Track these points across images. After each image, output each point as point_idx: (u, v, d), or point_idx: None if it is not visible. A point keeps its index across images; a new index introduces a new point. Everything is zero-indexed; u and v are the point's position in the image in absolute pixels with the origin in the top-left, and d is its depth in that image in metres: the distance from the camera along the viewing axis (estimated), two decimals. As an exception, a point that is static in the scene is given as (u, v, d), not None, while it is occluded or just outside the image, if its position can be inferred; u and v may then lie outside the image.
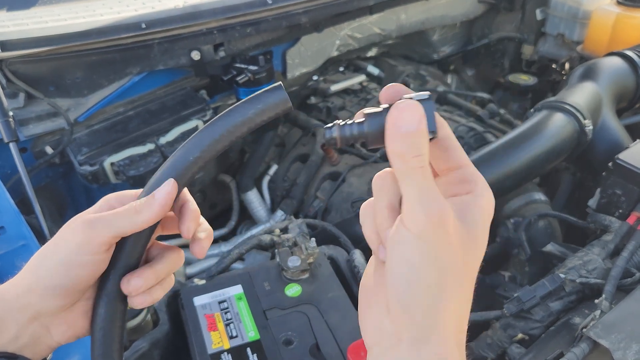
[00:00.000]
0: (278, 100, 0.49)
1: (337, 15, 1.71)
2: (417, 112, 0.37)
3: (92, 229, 0.48)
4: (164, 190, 0.49)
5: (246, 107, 0.50)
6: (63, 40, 1.34)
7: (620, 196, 1.16)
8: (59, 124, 1.40)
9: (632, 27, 1.78)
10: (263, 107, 0.49)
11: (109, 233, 0.48)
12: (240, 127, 0.50)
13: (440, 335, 0.39)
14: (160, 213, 0.49)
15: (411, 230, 0.38)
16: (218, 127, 0.50)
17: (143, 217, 0.49)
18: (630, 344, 0.82)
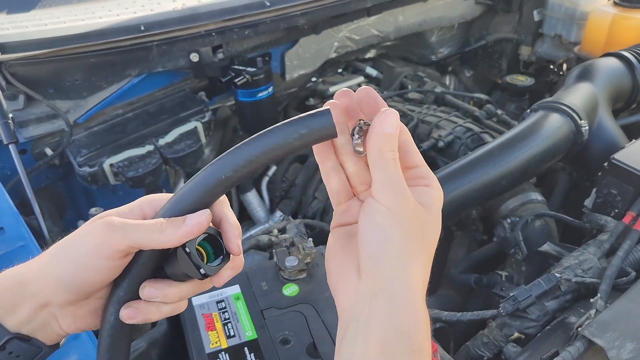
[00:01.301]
0: (323, 127, 0.46)
1: (335, 17, 1.72)
2: (397, 119, 0.47)
3: (112, 233, 0.48)
4: (196, 220, 0.48)
5: (288, 129, 0.46)
6: (62, 43, 1.35)
7: (616, 196, 1.16)
8: (59, 125, 1.41)
9: (628, 28, 1.79)
10: (306, 132, 0.46)
11: (126, 242, 0.48)
12: (278, 150, 0.46)
13: (410, 289, 0.46)
14: (183, 239, 0.48)
15: (382, 202, 0.46)
16: (255, 147, 0.46)
17: (165, 237, 0.48)
18: (624, 342, 0.82)
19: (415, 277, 0.47)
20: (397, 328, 0.45)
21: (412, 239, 0.47)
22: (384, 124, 0.46)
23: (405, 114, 1.74)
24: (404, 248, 0.46)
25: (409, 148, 0.51)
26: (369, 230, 0.47)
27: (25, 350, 0.51)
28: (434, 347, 0.83)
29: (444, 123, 1.67)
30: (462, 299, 1.40)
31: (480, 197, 1.24)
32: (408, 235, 0.46)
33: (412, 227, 0.47)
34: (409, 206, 0.47)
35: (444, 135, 1.60)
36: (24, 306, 0.50)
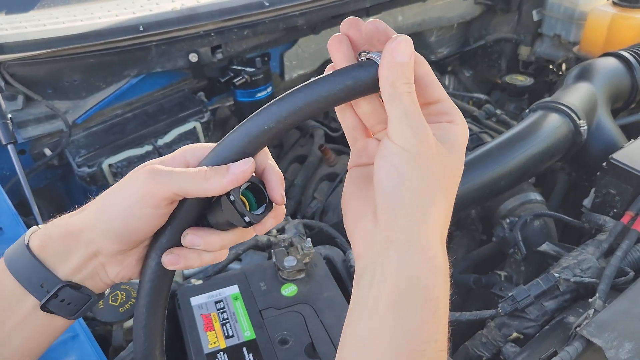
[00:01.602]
0: (370, 78, 0.44)
1: (334, 17, 1.72)
2: (410, 46, 0.43)
3: (157, 181, 0.47)
4: (240, 169, 0.47)
5: (334, 80, 0.45)
6: (61, 43, 1.35)
7: (615, 196, 1.16)
8: (57, 126, 1.41)
9: (627, 28, 1.79)
10: (351, 83, 0.44)
11: (171, 189, 0.47)
12: (323, 102, 0.45)
13: (426, 235, 0.43)
14: (227, 187, 0.47)
15: (398, 143, 0.43)
16: (299, 99, 0.45)
17: (210, 185, 0.47)
18: (623, 342, 0.82)
19: (434, 223, 0.44)
20: (411, 279, 0.42)
21: (432, 181, 0.43)
22: (396, 52, 0.42)
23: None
24: (422, 192, 0.43)
25: (430, 80, 0.47)
26: (385, 174, 0.43)
27: (76, 298, 0.52)
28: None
29: (443, 123, 1.67)
30: (461, 299, 1.40)
31: (479, 197, 1.24)
32: (427, 178, 0.43)
33: (432, 168, 0.43)
34: (428, 145, 0.43)
35: (443, 135, 1.60)
36: (75, 255, 0.51)
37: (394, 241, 0.43)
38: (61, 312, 0.52)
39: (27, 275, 0.50)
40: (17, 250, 0.51)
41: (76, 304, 0.52)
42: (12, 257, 0.51)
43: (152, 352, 0.54)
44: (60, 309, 0.51)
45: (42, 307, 0.51)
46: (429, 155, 0.43)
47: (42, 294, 0.50)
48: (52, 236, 0.51)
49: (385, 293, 0.43)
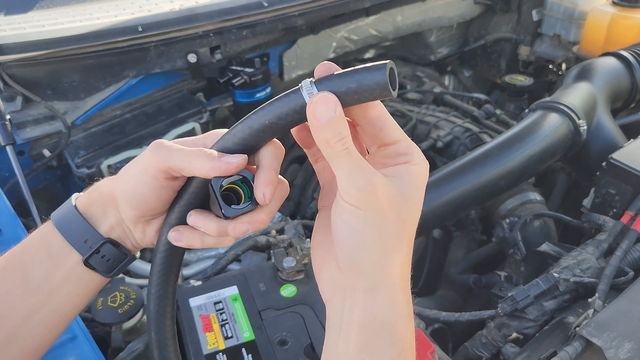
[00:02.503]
0: (374, 84, 0.43)
1: (333, 17, 1.72)
2: (330, 102, 0.42)
3: (154, 154, 0.51)
4: (227, 159, 0.48)
5: (338, 82, 0.44)
6: (60, 44, 1.35)
7: (614, 195, 1.16)
8: (56, 127, 1.40)
9: (627, 28, 1.79)
10: (356, 87, 0.44)
11: (165, 162, 0.50)
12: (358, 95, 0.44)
13: (388, 283, 0.46)
14: (211, 173, 0.49)
15: (347, 201, 0.44)
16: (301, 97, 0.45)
17: (196, 164, 0.49)
18: (622, 342, 0.82)
19: (395, 268, 0.46)
20: (377, 323, 0.45)
21: (388, 232, 0.45)
22: (317, 114, 0.42)
23: (404, 114, 1.74)
24: (380, 245, 0.45)
25: (384, 122, 0.47)
26: (341, 231, 0.45)
27: (115, 255, 0.57)
28: (431, 347, 0.83)
29: (442, 123, 1.67)
30: (462, 300, 1.40)
31: (479, 197, 1.24)
32: (383, 231, 0.45)
33: (386, 219, 0.45)
34: (378, 199, 0.44)
35: (443, 136, 1.60)
36: (110, 213, 0.56)
37: (359, 289, 0.45)
38: (100, 268, 0.57)
39: (72, 232, 0.55)
40: (64, 210, 0.56)
41: (114, 260, 0.57)
42: (60, 216, 0.56)
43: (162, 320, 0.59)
44: (100, 265, 0.56)
45: (85, 262, 0.56)
46: (378, 207, 0.44)
47: (86, 250, 0.55)
48: (93, 198, 0.56)
49: (353, 337, 0.45)
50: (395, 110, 1.77)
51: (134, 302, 0.98)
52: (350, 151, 0.43)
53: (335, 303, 0.47)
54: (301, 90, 0.45)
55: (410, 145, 0.48)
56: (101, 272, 0.57)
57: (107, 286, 1.22)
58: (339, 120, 0.42)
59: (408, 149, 0.47)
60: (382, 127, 0.47)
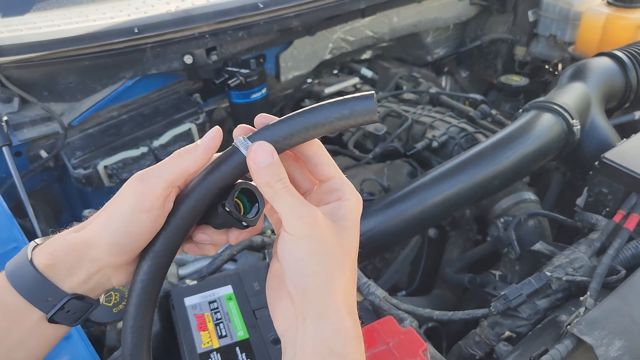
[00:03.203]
0: (365, 110, 0.48)
1: (329, 18, 1.73)
2: (266, 149, 0.48)
3: (143, 184, 0.51)
4: (208, 136, 0.52)
5: (330, 109, 0.49)
6: (57, 46, 1.36)
7: (607, 195, 1.17)
8: (53, 128, 1.41)
9: (622, 28, 1.80)
10: (348, 113, 0.48)
11: (159, 184, 0.50)
12: (319, 128, 0.49)
13: (334, 308, 0.48)
14: (202, 158, 0.52)
15: (291, 233, 0.48)
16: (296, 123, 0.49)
17: (185, 162, 0.51)
18: (613, 340, 0.83)
19: (339, 294, 0.49)
20: (327, 348, 0.48)
21: (331, 260, 0.49)
22: (257, 160, 0.48)
23: (399, 115, 1.74)
24: (324, 272, 0.48)
25: (320, 160, 0.52)
26: (288, 264, 0.49)
27: (80, 308, 0.55)
28: (423, 345, 0.83)
29: (438, 123, 1.67)
30: (457, 299, 1.41)
31: (473, 197, 1.24)
32: (325, 259, 0.48)
33: (328, 248, 0.48)
34: (319, 229, 0.48)
35: (438, 136, 1.61)
36: (81, 270, 0.53)
37: (308, 317, 0.48)
38: (65, 322, 0.55)
39: (33, 291, 0.52)
40: (20, 266, 0.53)
41: (79, 312, 0.55)
42: (16, 273, 0.53)
43: (139, 352, 0.55)
44: (64, 319, 0.54)
45: (50, 319, 0.53)
46: (321, 237, 0.48)
47: (49, 307, 0.53)
48: (57, 254, 0.53)
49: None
50: (391, 110, 1.78)
51: (129, 301, 0.98)
52: (289, 189, 0.48)
53: (289, 335, 0.50)
54: (237, 147, 0.50)
55: (343, 182, 0.52)
56: (66, 324, 0.55)
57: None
58: (277, 164, 0.48)
59: (340, 186, 0.52)
60: (317, 163, 0.52)
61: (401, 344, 0.84)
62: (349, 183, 0.52)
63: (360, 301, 1.02)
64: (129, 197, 0.51)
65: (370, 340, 0.85)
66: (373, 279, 1.12)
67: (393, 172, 1.58)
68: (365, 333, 0.85)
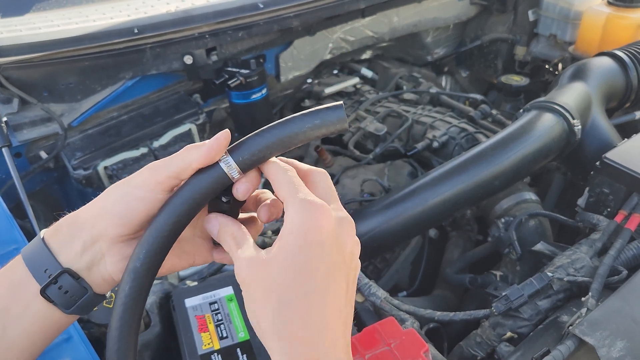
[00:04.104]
0: (335, 119, 0.52)
1: (329, 18, 1.73)
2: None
3: (153, 171, 0.55)
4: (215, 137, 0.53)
5: (303, 119, 0.52)
6: (56, 46, 1.35)
7: (608, 195, 1.17)
8: (53, 128, 1.41)
9: (622, 28, 1.80)
10: (320, 122, 0.52)
11: (165, 173, 0.54)
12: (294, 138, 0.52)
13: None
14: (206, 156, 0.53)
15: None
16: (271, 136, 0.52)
17: (190, 157, 0.53)
18: (614, 341, 0.82)
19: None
20: None
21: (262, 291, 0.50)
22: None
23: (400, 115, 1.74)
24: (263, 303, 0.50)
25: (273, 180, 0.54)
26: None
27: (73, 288, 0.55)
28: (424, 346, 0.83)
29: (438, 123, 1.67)
30: (458, 300, 1.41)
31: (474, 197, 1.24)
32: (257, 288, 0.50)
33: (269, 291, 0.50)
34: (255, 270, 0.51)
35: (439, 136, 1.61)
36: (78, 240, 0.54)
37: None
38: (58, 301, 0.54)
39: (34, 260, 0.54)
40: (34, 240, 0.56)
41: (73, 294, 0.55)
42: (28, 247, 0.56)
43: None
44: (58, 297, 0.54)
45: (42, 291, 0.54)
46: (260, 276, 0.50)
47: (44, 279, 0.54)
48: (62, 223, 0.56)
49: None
50: (391, 110, 1.78)
51: (130, 303, 0.98)
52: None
53: None
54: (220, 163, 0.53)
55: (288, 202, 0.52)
56: (59, 306, 0.55)
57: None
58: None
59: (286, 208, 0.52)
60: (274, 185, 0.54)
61: (402, 345, 0.84)
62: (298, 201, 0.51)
63: (362, 302, 1.02)
64: (138, 177, 0.55)
65: (371, 341, 0.84)
66: (374, 280, 1.12)
67: (393, 173, 1.58)
68: (366, 334, 0.85)
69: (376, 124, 1.71)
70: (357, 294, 1.03)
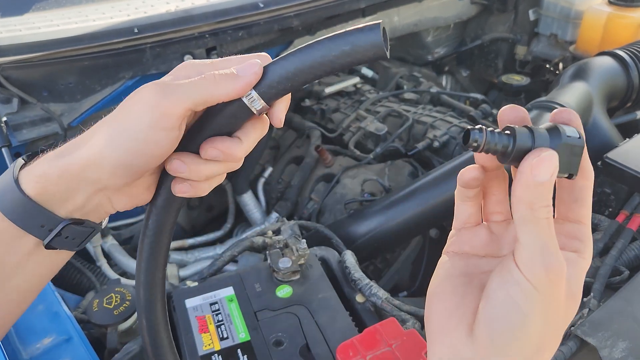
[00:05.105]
0: (369, 44, 0.43)
1: (329, 17, 1.72)
2: (554, 163, 0.38)
3: (167, 99, 0.45)
4: (250, 70, 0.46)
5: (328, 46, 0.44)
6: (56, 46, 1.35)
7: (610, 195, 1.16)
8: (53, 128, 1.40)
9: (623, 27, 1.79)
10: (349, 49, 0.43)
11: (184, 104, 0.45)
12: (316, 69, 0.45)
13: None
14: (240, 91, 0.46)
15: (526, 276, 0.38)
16: (290, 63, 0.46)
17: (222, 89, 0.46)
18: (616, 342, 0.82)
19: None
20: None
21: (553, 329, 0.40)
22: (537, 170, 0.38)
23: (400, 114, 1.74)
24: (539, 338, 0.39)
25: (583, 197, 0.42)
26: (501, 305, 0.38)
27: (79, 233, 0.51)
28: (425, 347, 0.83)
29: (439, 123, 1.67)
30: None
31: (475, 197, 1.24)
32: (548, 327, 0.39)
33: (557, 314, 0.39)
34: (559, 288, 0.38)
35: (439, 136, 1.60)
36: (79, 193, 0.48)
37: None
38: (66, 247, 0.51)
39: (23, 218, 0.48)
40: (7, 191, 0.48)
41: (80, 237, 0.52)
42: (3, 196, 0.48)
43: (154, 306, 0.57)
44: (64, 245, 0.51)
45: (47, 246, 0.50)
46: (557, 299, 0.39)
47: (44, 234, 0.49)
48: (49, 177, 0.47)
49: None
50: (391, 110, 1.77)
51: (130, 303, 0.98)
52: (550, 222, 0.38)
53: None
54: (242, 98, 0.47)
55: (589, 234, 0.42)
56: (67, 249, 0.52)
57: (103, 287, 1.23)
58: (551, 185, 0.38)
59: (584, 237, 0.42)
60: (578, 198, 0.42)
61: (404, 346, 0.83)
62: (592, 242, 0.43)
63: (362, 302, 1.02)
64: (146, 110, 0.45)
65: (372, 342, 0.84)
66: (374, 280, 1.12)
67: (394, 173, 1.57)
68: (367, 335, 0.85)
69: (377, 124, 1.70)
70: (358, 295, 1.03)
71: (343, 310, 0.97)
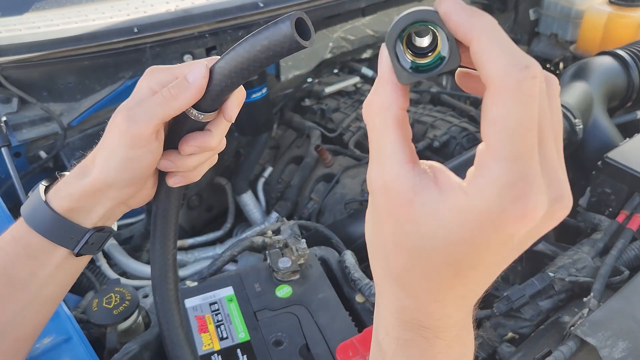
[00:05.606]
0: (282, 37, 0.44)
1: (329, 17, 1.72)
2: None
3: (135, 123, 0.53)
4: (199, 74, 0.52)
5: (253, 43, 0.47)
6: (55, 45, 1.35)
7: (610, 195, 1.16)
8: (52, 128, 1.40)
9: (624, 26, 1.79)
10: (268, 43, 0.45)
11: (151, 123, 0.53)
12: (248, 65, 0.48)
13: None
14: (196, 95, 0.53)
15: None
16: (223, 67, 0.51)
17: (180, 102, 0.53)
18: (616, 341, 0.82)
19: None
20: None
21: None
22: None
23: (400, 114, 1.74)
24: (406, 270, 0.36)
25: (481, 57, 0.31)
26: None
27: (99, 238, 0.61)
28: (425, 347, 0.83)
29: (439, 123, 1.67)
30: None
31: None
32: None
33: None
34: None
35: (439, 135, 1.60)
36: (100, 207, 0.59)
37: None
38: (89, 252, 0.61)
39: (55, 232, 0.57)
40: (37, 210, 0.57)
41: (99, 242, 0.62)
42: (35, 217, 0.57)
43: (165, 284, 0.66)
44: (88, 250, 0.60)
45: (77, 254, 0.59)
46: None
47: (74, 244, 0.58)
48: (74, 197, 0.57)
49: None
50: (392, 110, 1.77)
51: (129, 303, 0.98)
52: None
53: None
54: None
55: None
56: (90, 254, 0.61)
57: (103, 287, 1.22)
58: None
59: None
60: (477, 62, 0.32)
61: (403, 346, 0.83)
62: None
63: (362, 302, 1.02)
64: (122, 137, 0.53)
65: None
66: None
67: (394, 172, 1.57)
68: (367, 334, 0.85)
69: (377, 124, 1.70)
70: (358, 295, 1.03)
71: (343, 310, 0.96)
